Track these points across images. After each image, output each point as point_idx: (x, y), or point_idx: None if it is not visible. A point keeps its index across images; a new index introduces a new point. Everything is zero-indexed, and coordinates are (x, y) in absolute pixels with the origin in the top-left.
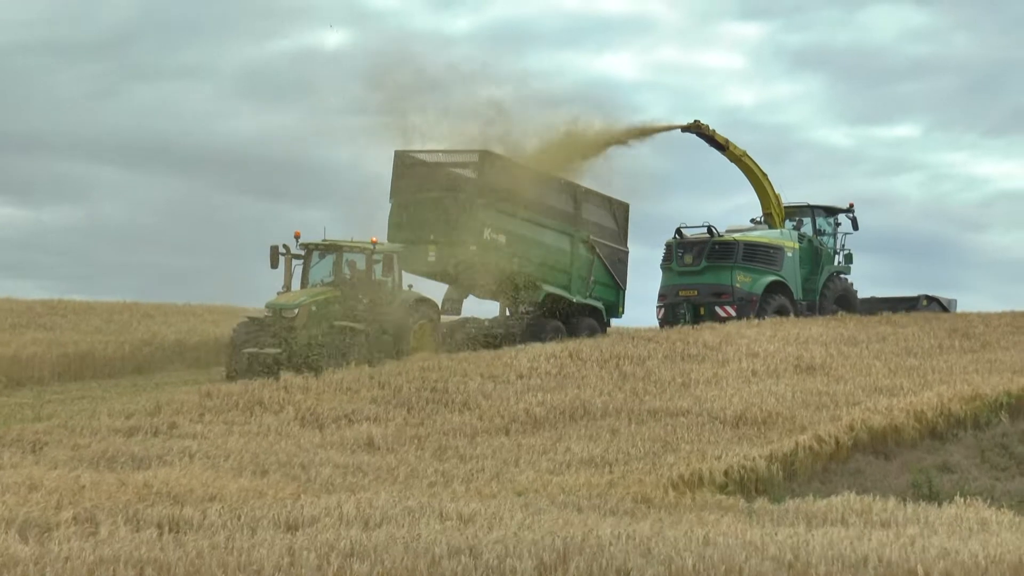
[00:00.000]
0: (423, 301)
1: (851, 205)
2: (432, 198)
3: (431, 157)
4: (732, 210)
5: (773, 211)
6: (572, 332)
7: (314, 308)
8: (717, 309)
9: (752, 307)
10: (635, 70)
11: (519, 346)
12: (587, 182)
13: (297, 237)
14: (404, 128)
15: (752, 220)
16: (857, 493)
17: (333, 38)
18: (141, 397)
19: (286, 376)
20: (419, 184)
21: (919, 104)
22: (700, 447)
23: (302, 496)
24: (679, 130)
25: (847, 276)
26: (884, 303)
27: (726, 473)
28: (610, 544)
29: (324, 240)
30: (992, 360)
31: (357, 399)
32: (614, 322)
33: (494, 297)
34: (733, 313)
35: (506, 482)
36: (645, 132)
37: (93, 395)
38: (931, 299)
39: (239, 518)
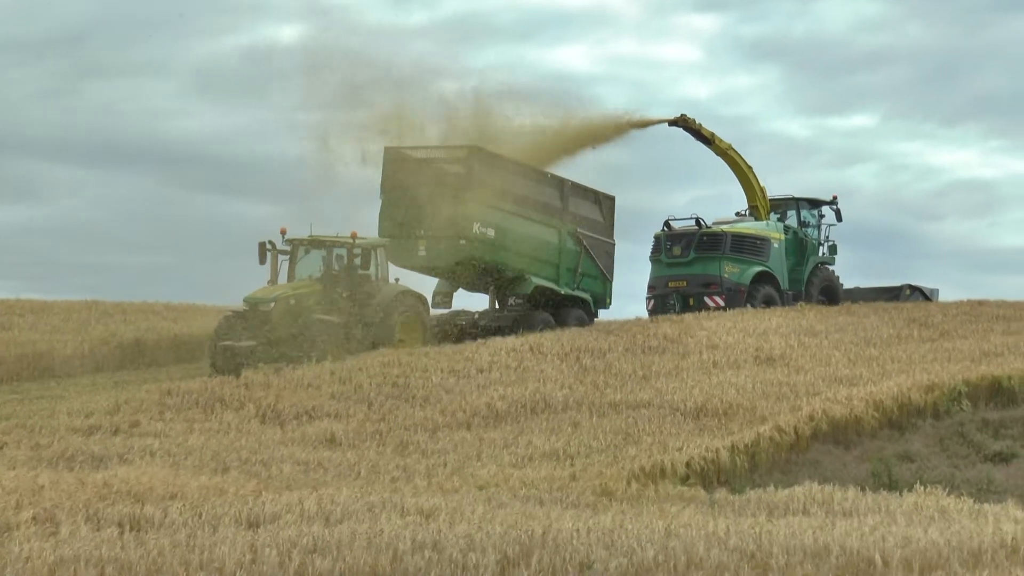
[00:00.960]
0: (408, 294)
1: (835, 197)
2: (422, 193)
3: (420, 153)
4: (690, 203)
5: (758, 203)
6: (561, 323)
7: (292, 302)
8: (706, 299)
9: (740, 297)
10: (591, 63)
11: (480, 340)
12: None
13: (283, 233)
14: (363, 124)
15: (737, 213)
16: (818, 483)
17: (288, 33)
18: (100, 396)
19: (247, 373)
20: (409, 180)
21: (875, 94)
22: (661, 439)
23: (263, 493)
24: (666, 124)
25: (832, 267)
26: (868, 293)
27: (687, 465)
28: (572, 537)
29: (310, 235)
30: (950, 349)
31: (318, 395)
32: (601, 313)
33: (484, 291)
34: (722, 303)
35: (468, 476)
36: (634, 126)
37: (52, 394)
38: (914, 288)
39: (200, 516)
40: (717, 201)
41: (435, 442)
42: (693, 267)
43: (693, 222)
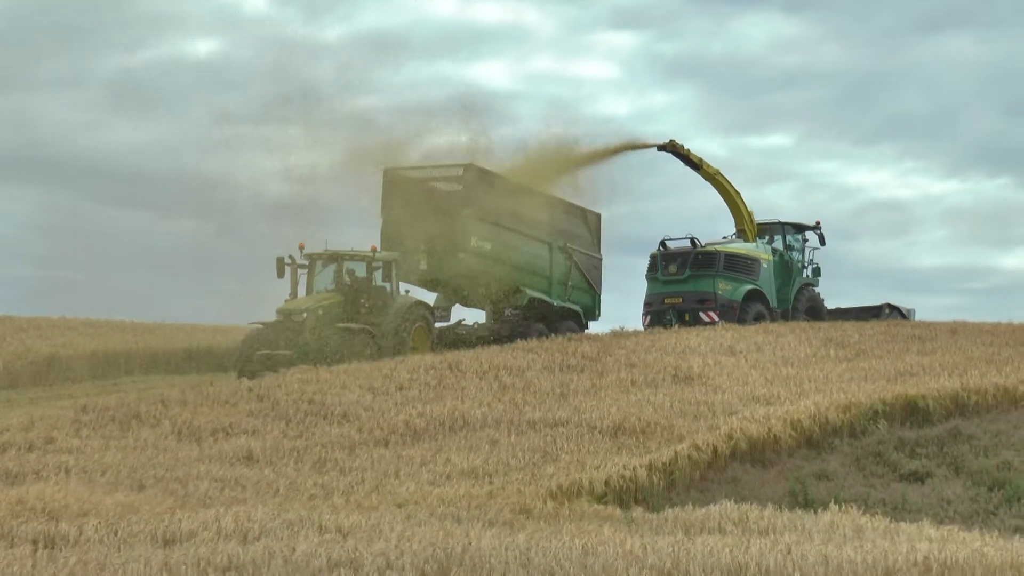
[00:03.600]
0: (419, 304)
1: (818, 222)
2: (422, 211)
3: (418, 173)
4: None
5: (746, 227)
6: (554, 334)
7: (320, 312)
8: (701, 315)
9: (733, 313)
10: (509, 79)
11: (399, 357)
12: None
13: (301, 248)
14: (279, 139)
15: (724, 237)
16: (735, 501)
17: (204, 47)
18: (15, 412)
19: (164, 391)
20: (408, 198)
21: (791, 114)
22: (579, 457)
23: (179, 511)
24: (656, 148)
25: (816, 288)
26: (850, 313)
27: (606, 483)
28: (490, 555)
29: (326, 250)
30: (867, 368)
31: (235, 412)
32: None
33: (480, 304)
34: (716, 319)
35: (386, 494)
36: (623, 150)
37: None
38: (893, 308)
39: (115, 533)
40: (632, 219)
41: (353, 459)
42: (688, 284)
43: (687, 242)
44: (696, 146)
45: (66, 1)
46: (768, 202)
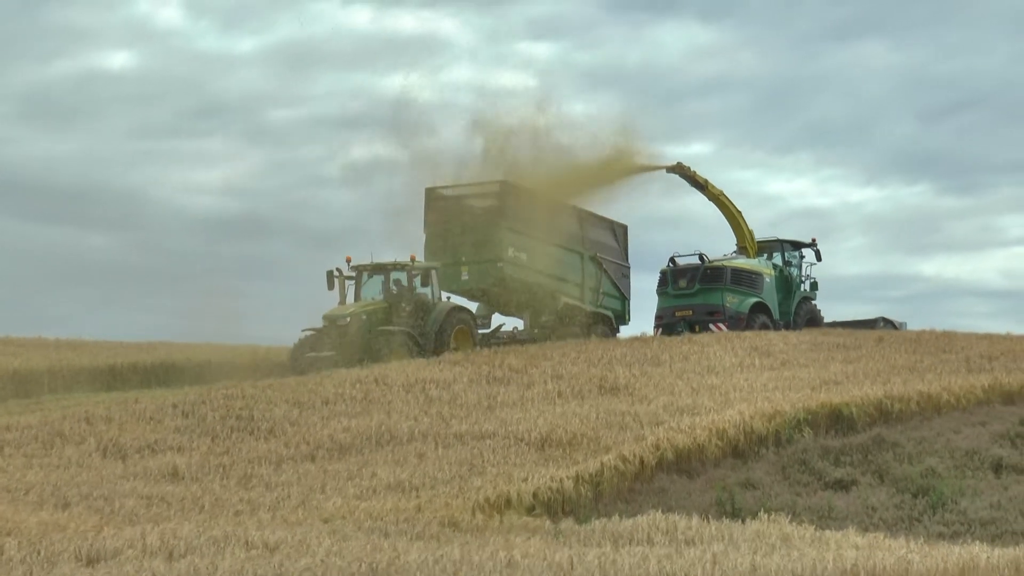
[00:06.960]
0: (459, 309)
1: (814, 240)
2: (461, 225)
3: (456, 191)
4: None
5: (747, 244)
6: (587, 338)
7: (364, 317)
8: (711, 326)
9: (740, 324)
10: (427, 91)
11: (325, 372)
12: None
13: (348, 261)
14: (195, 153)
15: (725, 255)
16: (662, 512)
17: (118, 59)
18: None
19: (87, 408)
20: (448, 215)
21: (710, 122)
22: (506, 470)
23: (104, 528)
24: (664, 171)
25: (814, 301)
26: (848, 325)
27: (533, 495)
28: (417, 569)
29: (372, 262)
30: (791, 377)
31: (160, 428)
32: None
33: (518, 313)
34: (725, 328)
35: (312, 509)
36: (636, 172)
37: None
38: (886, 321)
39: (39, 552)
40: None
41: (279, 475)
42: (697, 298)
43: (696, 258)
44: None
45: None
46: (689, 211)
